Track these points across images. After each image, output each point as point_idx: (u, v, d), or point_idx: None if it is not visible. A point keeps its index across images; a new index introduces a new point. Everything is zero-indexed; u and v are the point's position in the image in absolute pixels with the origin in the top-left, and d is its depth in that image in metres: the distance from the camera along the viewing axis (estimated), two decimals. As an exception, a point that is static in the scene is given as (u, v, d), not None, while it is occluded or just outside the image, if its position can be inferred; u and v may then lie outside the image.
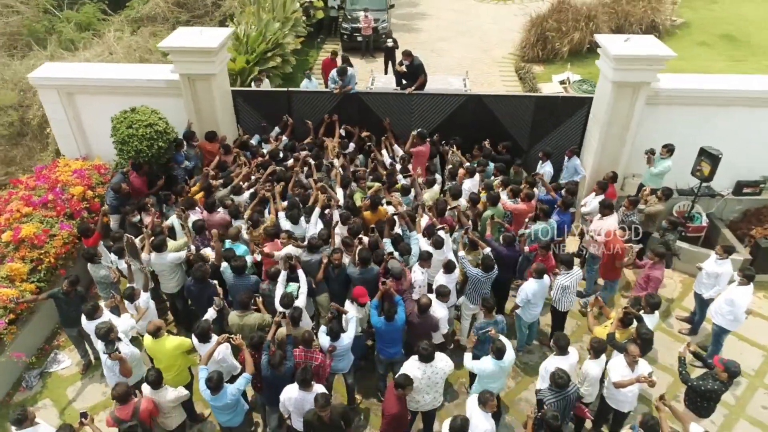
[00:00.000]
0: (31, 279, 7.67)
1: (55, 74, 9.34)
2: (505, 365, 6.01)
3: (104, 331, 5.88)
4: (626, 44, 8.56)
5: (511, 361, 6.12)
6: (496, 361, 5.96)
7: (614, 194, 9.06)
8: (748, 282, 7.02)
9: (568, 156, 9.69)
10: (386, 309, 6.41)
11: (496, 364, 5.95)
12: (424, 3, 23.10)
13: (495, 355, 5.94)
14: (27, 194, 8.48)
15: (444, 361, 5.99)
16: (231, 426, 6.16)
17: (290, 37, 14.95)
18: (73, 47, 17.78)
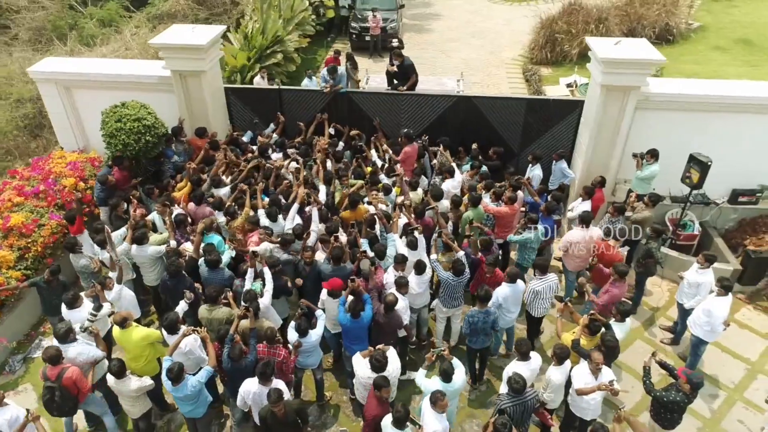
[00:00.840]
0: (18, 267, 7.90)
1: (53, 68, 9.60)
2: (453, 388, 5.79)
3: (63, 332, 6.02)
4: (616, 47, 8.43)
5: (461, 385, 5.91)
6: (443, 384, 5.76)
7: (602, 199, 8.94)
8: (725, 293, 6.85)
9: (555, 159, 9.59)
10: (352, 306, 6.44)
11: (443, 387, 5.71)
12: (439, 3, 23.04)
13: (442, 377, 5.77)
14: (20, 184, 8.74)
15: (397, 359, 6.00)
16: (194, 417, 6.27)
17: (295, 35, 15.05)
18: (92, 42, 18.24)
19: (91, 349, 6.26)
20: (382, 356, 5.84)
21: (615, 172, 9.46)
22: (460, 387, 5.96)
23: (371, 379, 5.72)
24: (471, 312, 6.71)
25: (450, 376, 5.77)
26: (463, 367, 6.06)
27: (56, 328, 6.19)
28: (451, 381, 5.79)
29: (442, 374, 5.79)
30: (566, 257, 8.23)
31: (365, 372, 5.94)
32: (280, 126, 10.01)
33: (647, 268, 8.08)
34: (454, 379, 5.81)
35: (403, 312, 6.92)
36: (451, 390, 5.75)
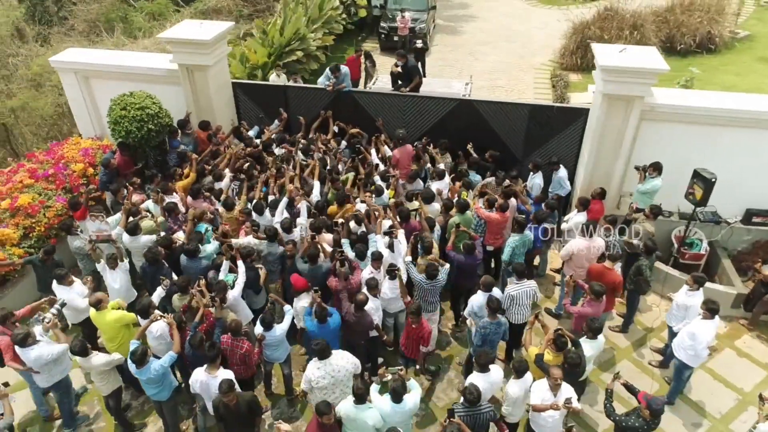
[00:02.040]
0: (22, 245, 8.35)
1: (73, 58, 10.08)
2: (402, 410, 5.53)
3: (20, 337, 6.12)
4: (618, 55, 8.11)
5: (412, 408, 5.63)
6: (393, 405, 5.50)
7: (600, 211, 8.61)
8: (711, 316, 6.49)
9: (555, 169, 9.32)
10: (318, 312, 6.46)
11: (392, 408, 5.49)
12: (475, 5, 22.81)
13: (392, 397, 5.51)
14: (33, 167, 9.22)
15: (346, 359, 5.99)
16: (159, 400, 6.46)
17: (320, 33, 15.21)
18: (137, 35, 19.07)
19: (52, 349, 6.30)
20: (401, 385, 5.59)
21: (618, 184, 9.11)
22: (412, 410, 5.66)
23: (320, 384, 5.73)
24: (483, 323, 6.54)
25: (400, 397, 5.50)
26: (419, 390, 5.83)
27: (14, 334, 6.20)
28: (401, 402, 5.52)
29: (391, 393, 5.52)
30: (567, 266, 8.01)
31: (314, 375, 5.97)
32: (283, 122, 10.16)
33: (637, 285, 7.75)
34: (406, 401, 5.55)
35: (374, 312, 6.91)
36: (399, 411, 5.53)
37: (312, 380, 5.88)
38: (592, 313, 6.75)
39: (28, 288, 8.50)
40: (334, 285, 7.09)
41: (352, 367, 6.02)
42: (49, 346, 6.30)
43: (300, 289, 7.02)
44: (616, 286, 7.23)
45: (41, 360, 6.19)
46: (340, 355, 6.02)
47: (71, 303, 6.99)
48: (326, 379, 5.86)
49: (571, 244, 7.74)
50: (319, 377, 5.85)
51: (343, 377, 5.96)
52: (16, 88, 15.15)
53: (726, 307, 8.43)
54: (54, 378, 6.47)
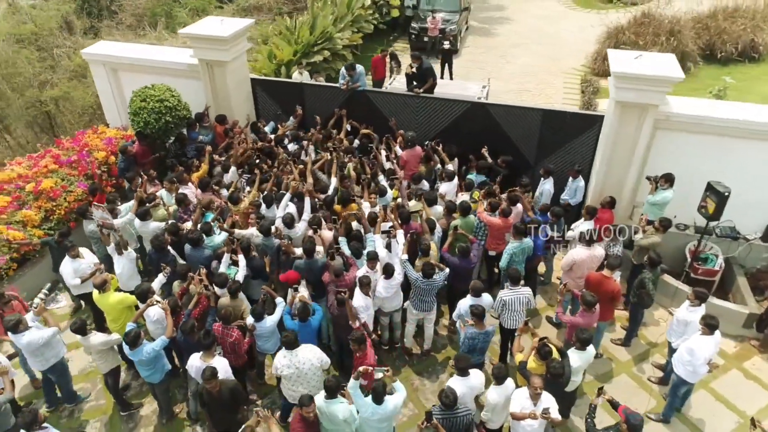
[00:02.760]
0: (42, 227, 8.80)
1: (103, 51, 10.54)
2: (384, 411, 5.54)
3: (12, 324, 6.35)
4: (633, 61, 7.91)
5: (393, 410, 5.61)
6: (374, 406, 5.53)
7: (609, 221, 8.41)
8: (710, 331, 6.27)
9: (572, 176, 9.16)
10: (298, 310, 6.55)
11: (373, 409, 5.52)
12: (512, 8, 22.55)
13: (373, 398, 5.52)
14: (58, 153, 9.70)
15: (313, 353, 6.07)
16: (152, 382, 6.71)
17: (348, 32, 15.36)
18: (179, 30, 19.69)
19: (42, 333, 6.49)
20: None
21: (630, 193, 8.88)
22: (393, 412, 5.64)
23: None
24: (470, 332, 6.53)
25: (381, 398, 5.51)
26: (404, 393, 5.81)
27: (5, 320, 6.44)
28: (383, 403, 5.54)
29: (372, 394, 5.55)
30: (567, 275, 7.88)
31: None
32: (298, 119, 10.33)
33: (640, 299, 7.55)
34: (387, 402, 5.56)
35: (363, 310, 6.95)
36: (380, 413, 5.54)
37: (278, 368, 6.06)
38: (583, 324, 6.63)
39: (47, 269, 8.94)
40: (326, 279, 7.21)
41: (317, 361, 6.12)
42: (39, 331, 6.50)
43: (292, 284, 7.16)
44: (614, 295, 7.06)
45: (32, 345, 6.42)
46: (309, 348, 6.14)
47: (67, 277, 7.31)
48: (291, 369, 6.01)
49: (572, 254, 7.61)
50: (284, 366, 6.02)
51: (308, 370, 6.07)
52: (57, 78, 15.88)
53: (737, 326, 8.14)
54: (49, 362, 6.69)
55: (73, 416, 7.28)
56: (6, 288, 8.00)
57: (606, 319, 7.44)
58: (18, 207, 8.72)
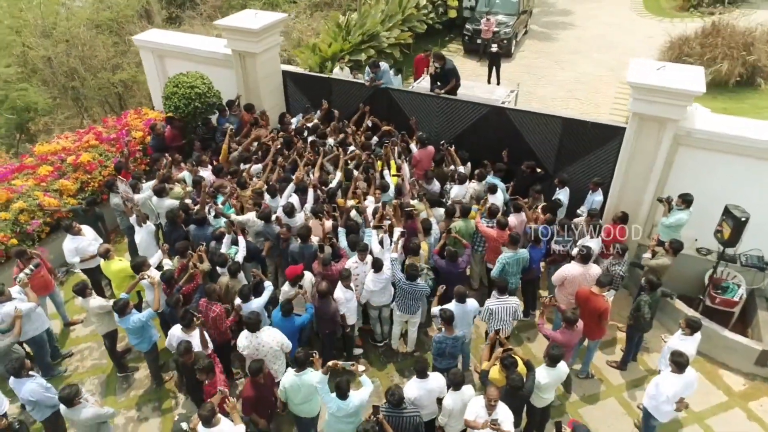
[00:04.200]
0: (77, 197, 9.56)
1: (151, 38, 11.27)
2: (348, 407, 5.57)
3: None
4: (654, 72, 7.50)
5: (358, 405, 5.62)
6: (338, 401, 5.58)
7: (619, 237, 8.05)
8: (678, 370, 5.83)
9: (591, 189, 8.80)
10: (282, 304, 6.75)
11: (338, 405, 5.57)
12: (579, 13, 21.79)
13: (336, 392, 5.57)
14: (101, 130, 10.48)
15: (273, 337, 6.23)
16: (140, 350, 7.17)
17: (396, 31, 15.46)
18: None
19: (21, 306, 6.83)
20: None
21: (648, 211, 8.42)
22: (358, 407, 5.65)
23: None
24: (438, 337, 6.51)
25: (344, 393, 5.54)
26: (370, 387, 5.82)
27: None
28: (346, 399, 5.58)
29: (336, 390, 5.57)
30: (559, 291, 7.64)
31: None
32: (323, 112, 10.58)
33: (636, 321, 7.17)
34: (351, 398, 5.59)
35: (343, 303, 7.08)
36: (344, 408, 5.58)
37: (240, 347, 6.32)
38: (561, 340, 6.42)
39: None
40: (315, 268, 7.39)
41: (277, 345, 6.31)
42: (20, 304, 6.87)
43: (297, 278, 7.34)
44: (601, 313, 6.75)
45: (11, 315, 6.78)
46: (270, 332, 6.33)
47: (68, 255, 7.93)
48: (249, 350, 6.24)
49: (565, 269, 7.34)
50: (244, 346, 6.28)
51: (267, 352, 6.28)
52: (127, 62, 17.10)
53: (749, 363, 7.57)
54: (27, 334, 7.03)
55: (77, 371, 7.90)
56: (36, 249, 8.78)
57: (595, 337, 7.15)
58: (58, 177, 9.51)
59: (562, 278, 7.32)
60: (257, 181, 8.91)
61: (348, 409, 5.63)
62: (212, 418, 5.39)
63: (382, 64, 10.23)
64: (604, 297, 6.80)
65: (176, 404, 7.40)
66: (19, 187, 9.04)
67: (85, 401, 5.80)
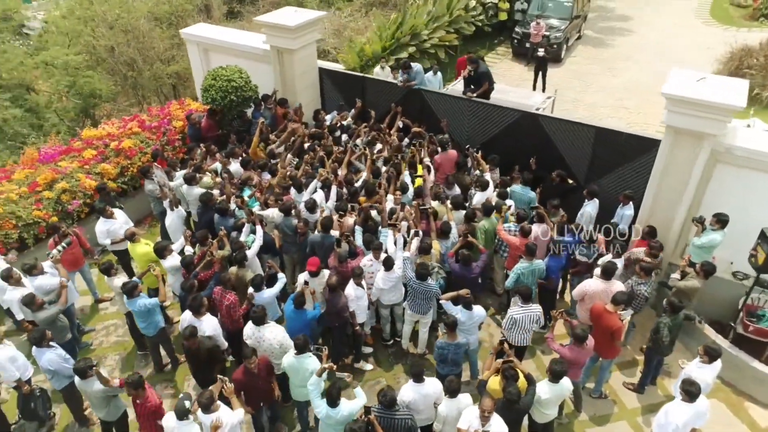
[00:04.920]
0: (117, 181, 10.04)
1: (197, 32, 11.66)
2: (337, 415, 5.56)
3: (27, 267, 7.22)
4: (692, 83, 7.12)
5: (347, 416, 5.55)
6: (328, 408, 5.57)
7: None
8: (689, 399, 5.52)
9: (622, 202, 8.47)
10: (296, 297, 6.82)
11: (326, 411, 5.57)
12: (638, 19, 21.00)
13: (327, 400, 5.56)
14: (145, 119, 10.95)
15: (274, 333, 6.33)
16: (146, 334, 7.41)
17: (440, 32, 15.36)
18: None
19: (52, 281, 7.23)
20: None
21: (680, 229, 8.02)
22: (346, 417, 5.56)
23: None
24: (440, 343, 6.50)
25: (333, 400, 5.53)
26: (363, 400, 5.75)
27: (23, 263, 7.40)
28: (336, 407, 5.56)
29: (326, 396, 5.57)
30: (579, 306, 7.42)
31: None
32: (356, 111, 10.65)
33: (655, 344, 6.85)
34: (341, 407, 5.57)
35: (354, 300, 7.12)
36: (334, 416, 5.57)
37: (245, 336, 6.51)
38: (569, 357, 6.22)
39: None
40: (330, 262, 7.48)
41: (277, 343, 6.40)
42: (51, 279, 7.26)
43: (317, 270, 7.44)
44: (614, 332, 6.49)
45: (42, 288, 7.15)
46: (273, 329, 6.44)
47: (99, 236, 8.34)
48: (252, 341, 6.39)
49: (586, 284, 7.11)
50: (248, 336, 6.44)
51: (267, 347, 6.39)
52: (180, 55, 17.76)
53: (778, 399, 7.08)
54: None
55: (101, 346, 8.30)
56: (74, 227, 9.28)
57: (608, 356, 6.89)
58: (101, 160, 10.01)
59: (583, 293, 7.09)
60: (289, 169, 9.06)
61: (336, 417, 5.58)
62: (211, 405, 5.56)
63: (415, 64, 10.20)
64: (618, 315, 6.53)
65: (188, 385, 7.64)
66: (63, 169, 9.58)
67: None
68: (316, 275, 7.30)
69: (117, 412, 6.31)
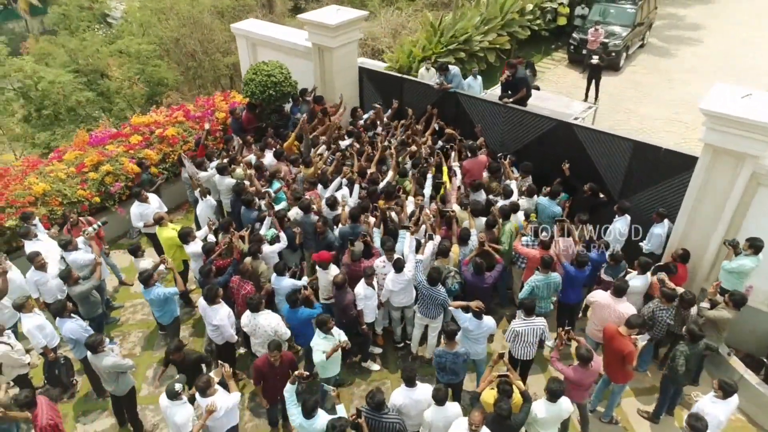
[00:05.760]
0: (159, 166, 10.51)
1: (247, 27, 12.01)
2: (309, 427, 5.48)
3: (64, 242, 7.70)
4: (735, 100, 6.68)
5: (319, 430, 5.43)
6: (302, 418, 5.48)
7: (681, 278, 7.34)
8: None
9: (654, 220, 8.07)
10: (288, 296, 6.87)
11: (300, 421, 5.51)
12: (710, 28, 19.87)
13: (303, 411, 5.49)
14: (190, 109, 11.40)
15: (269, 320, 6.45)
16: (161, 323, 7.69)
17: (491, 35, 15.10)
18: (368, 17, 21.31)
19: (86, 256, 7.70)
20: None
21: (713, 254, 7.54)
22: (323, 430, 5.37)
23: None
24: (438, 351, 6.46)
25: (309, 413, 5.44)
26: (344, 416, 5.57)
27: (59, 239, 7.82)
28: (312, 419, 5.47)
29: (302, 407, 5.50)
30: (589, 317, 7.22)
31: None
32: (392, 111, 10.65)
33: (671, 372, 6.49)
34: (317, 419, 5.46)
35: (363, 299, 7.15)
36: (306, 427, 5.50)
37: (242, 323, 6.75)
38: (573, 378, 6.02)
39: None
40: (344, 260, 7.55)
41: (271, 330, 6.56)
42: (85, 254, 7.75)
43: (325, 262, 7.58)
44: (625, 356, 6.19)
45: (76, 263, 7.62)
46: (268, 316, 6.60)
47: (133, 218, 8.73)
48: (249, 328, 6.63)
49: (596, 293, 7.03)
50: (244, 324, 6.69)
51: (262, 333, 6.57)
52: (235, 48, 18.34)
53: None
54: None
55: (128, 322, 8.74)
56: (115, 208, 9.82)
57: (619, 381, 6.59)
58: (145, 146, 10.51)
59: (591, 301, 6.92)
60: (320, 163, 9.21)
61: (309, 429, 5.51)
62: (207, 389, 5.74)
63: (453, 67, 10.09)
64: (632, 339, 6.23)
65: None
66: (110, 152, 10.12)
67: (110, 350, 6.42)
68: (325, 267, 7.41)
69: (125, 387, 6.60)
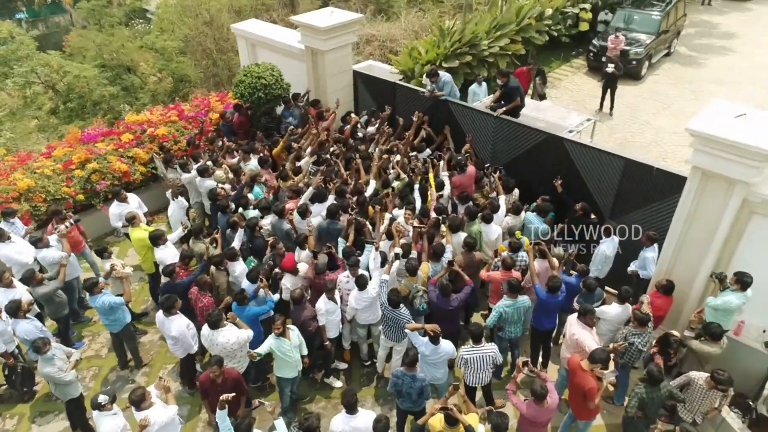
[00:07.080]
0: (148, 165, 10.49)
1: (246, 28, 11.89)
2: None
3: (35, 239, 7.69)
4: (726, 119, 6.14)
5: None
6: None
7: (663, 309, 6.85)
8: None
9: (644, 244, 7.57)
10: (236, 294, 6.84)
11: None
12: (745, 36, 18.91)
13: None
14: (184, 109, 11.36)
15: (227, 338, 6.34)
16: (112, 331, 7.54)
17: (503, 41, 14.60)
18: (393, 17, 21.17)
19: (55, 253, 7.62)
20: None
21: (701, 287, 6.97)
22: None
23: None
24: (396, 371, 6.19)
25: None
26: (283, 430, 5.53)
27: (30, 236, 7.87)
28: None
29: (236, 427, 5.44)
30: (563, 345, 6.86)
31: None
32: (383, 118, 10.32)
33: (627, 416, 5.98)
34: None
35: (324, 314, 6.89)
36: None
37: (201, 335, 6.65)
38: (526, 414, 5.62)
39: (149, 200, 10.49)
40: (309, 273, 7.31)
41: (229, 345, 6.42)
42: (56, 252, 7.66)
43: (291, 269, 7.40)
44: (586, 392, 5.75)
45: (46, 260, 7.62)
46: (227, 333, 6.42)
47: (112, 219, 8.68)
48: (207, 343, 6.57)
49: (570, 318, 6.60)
50: (203, 337, 6.60)
51: (219, 351, 6.37)
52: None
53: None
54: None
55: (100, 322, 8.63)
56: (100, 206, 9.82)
57: (583, 418, 6.15)
58: (135, 145, 10.51)
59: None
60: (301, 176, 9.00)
61: None
62: (141, 402, 5.59)
63: (444, 73, 9.72)
64: (595, 374, 5.78)
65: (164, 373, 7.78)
66: (99, 150, 10.15)
67: (54, 356, 6.27)
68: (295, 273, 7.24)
69: (64, 396, 6.54)
